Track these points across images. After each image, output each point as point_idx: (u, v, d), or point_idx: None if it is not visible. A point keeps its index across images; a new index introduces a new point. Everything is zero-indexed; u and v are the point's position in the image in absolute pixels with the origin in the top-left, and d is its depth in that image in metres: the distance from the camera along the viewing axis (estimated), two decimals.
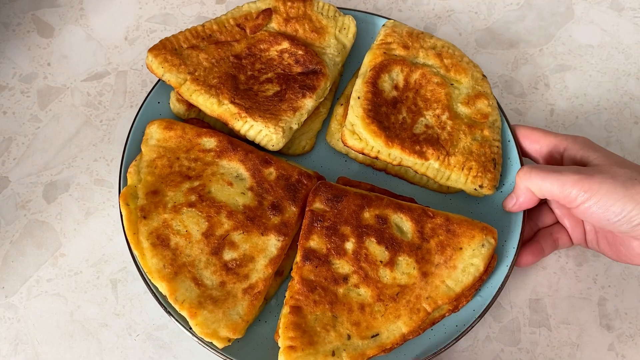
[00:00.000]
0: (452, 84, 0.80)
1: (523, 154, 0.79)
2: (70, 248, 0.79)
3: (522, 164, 0.78)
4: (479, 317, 0.70)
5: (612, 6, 0.94)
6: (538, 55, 0.94)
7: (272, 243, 0.70)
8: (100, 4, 0.93)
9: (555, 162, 0.75)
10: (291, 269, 0.71)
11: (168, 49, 0.78)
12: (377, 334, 0.67)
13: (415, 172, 0.77)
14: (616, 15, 0.94)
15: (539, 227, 0.79)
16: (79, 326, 0.75)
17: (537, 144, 0.76)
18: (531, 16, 0.95)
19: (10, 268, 0.78)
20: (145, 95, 0.80)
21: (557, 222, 0.79)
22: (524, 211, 0.75)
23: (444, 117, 0.78)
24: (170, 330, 0.75)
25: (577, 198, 0.66)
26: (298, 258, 0.70)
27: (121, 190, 0.72)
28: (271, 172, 0.74)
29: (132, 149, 0.76)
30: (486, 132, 0.78)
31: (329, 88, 0.80)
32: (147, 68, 0.78)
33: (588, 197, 0.66)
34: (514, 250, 0.74)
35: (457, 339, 0.69)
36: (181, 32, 0.80)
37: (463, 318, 0.71)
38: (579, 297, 0.78)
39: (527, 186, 0.70)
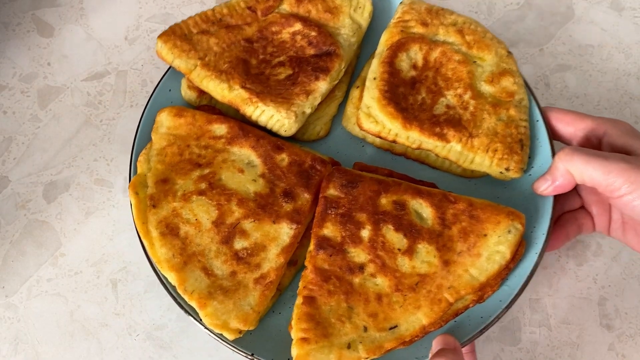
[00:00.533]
0: (474, 62, 0.76)
1: (555, 137, 0.73)
2: (70, 248, 0.79)
3: (552, 146, 0.73)
4: (506, 307, 0.66)
5: (613, 6, 0.93)
6: (538, 55, 0.92)
7: (285, 231, 0.67)
8: (100, 4, 0.92)
9: (592, 148, 0.70)
10: (305, 258, 0.68)
11: (178, 34, 0.76)
12: (396, 326, 0.63)
13: (437, 155, 0.73)
14: (616, 15, 0.93)
15: (562, 210, 0.75)
16: (79, 326, 0.75)
17: (571, 127, 0.71)
18: (531, 16, 0.94)
19: (10, 268, 0.78)
20: (153, 87, 0.78)
21: (582, 207, 0.75)
22: (555, 195, 0.70)
23: (466, 97, 0.73)
24: (170, 330, 0.75)
25: (622, 188, 0.62)
26: (312, 247, 0.67)
27: (131, 179, 0.71)
28: (283, 158, 0.71)
29: (142, 138, 0.75)
30: (512, 112, 0.73)
31: (343, 70, 0.77)
32: (157, 55, 0.76)
33: (634, 189, 0.61)
34: (544, 236, 0.69)
35: (482, 331, 0.65)
36: (191, 17, 0.78)
37: (489, 309, 0.66)
38: (579, 296, 0.78)
39: (568, 169, 0.65)
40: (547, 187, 0.69)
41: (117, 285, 0.77)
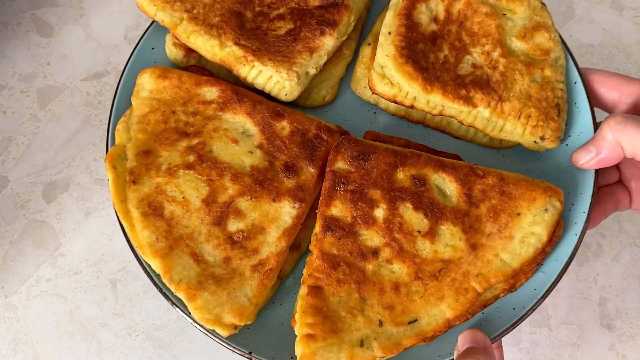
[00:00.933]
0: (504, 14, 0.66)
1: (596, 103, 0.64)
2: (70, 248, 0.78)
3: (592, 112, 0.63)
4: (541, 297, 0.57)
5: (613, 6, 0.92)
6: None
7: (286, 211, 0.58)
8: (100, 4, 0.91)
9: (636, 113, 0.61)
10: (310, 243, 0.59)
11: None
12: (415, 320, 0.55)
13: (461, 123, 0.64)
14: (617, 14, 0.92)
15: (598, 184, 0.65)
16: (78, 326, 0.75)
17: (615, 92, 0.62)
18: None
19: (10, 268, 0.77)
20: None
21: (619, 181, 0.67)
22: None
23: (495, 55, 0.64)
24: (170, 330, 0.74)
25: None
26: (317, 228, 0.58)
27: (108, 150, 0.61)
28: (284, 126, 0.62)
29: (122, 104, 0.65)
30: (547, 72, 0.63)
31: (353, 24, 0.67)
32: (138, 7, 0.66)
33: None
34: (585, 215, 0.60)
35: (515, 324, 0.57)
36: None
37: (522, 299, 0.58)
38: (579, 297, 0.77)
39: (618, 140, 0.56)
40: (589, 160, 0.59)
41: (117, 285, 0.76)
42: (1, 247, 0.78)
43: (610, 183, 0.67)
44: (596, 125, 0.63)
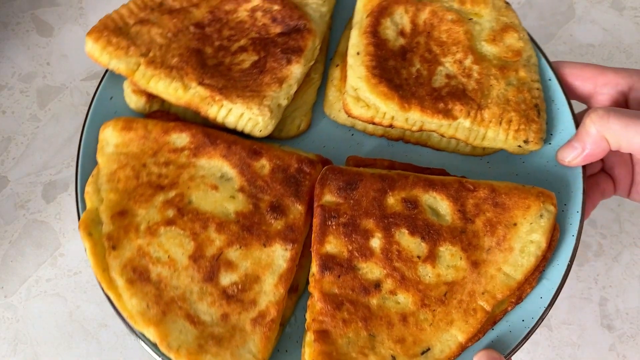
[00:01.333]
0: (470, 19, 0.64)
1: (571, 96, 0.63)
2: (70, 248, 0.77)
3: (571, 108, 0.63)
4: (548, 305, 0.56)
5: (613, 5, 0.93)
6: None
7: (279, 254, 0.56)
8: (99, 3, 0.91)
9: (618, 106, 0.60)
10: (307, 283, 0.57)
11: (111, 28, 0.62)
12: (428, 349, 0.53)
13: (442, 135, 0.62)
14: (617, 14, 0.92)
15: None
16: (78, 326, 0.74)
17: (590, 83, 0.62)
18: (532, 15, 0.93)
19: (10, 268, 0.77)
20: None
21: (602, 170, 0.67)
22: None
23: (467, 62, 0.62)
24: None
25: None
26: (315, 269, 0.55)
27: (80, 217, 0.57)
28: (263, 164, 0.59)
29: (87, 163, 0.61)
30: (522, 73, 0.62)
31: (318, 47, 0.64)
32: (89, 57, 0.62)
33: None
34: (579, 214, 0.59)
35: (527, 337, 0.56)
36: (124, 5, 0.64)
37: (529, 309, 0.57)
38: (579, 297, 0.77)
39: (603, 133, 0.55)
40: (576, 157, 0.59)
41: None
42: (1, 247, 0.77)
43: (594, 173, 0.67)
44: (577, 120, 0.62)
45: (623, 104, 0.61)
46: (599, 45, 0.91)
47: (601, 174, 0.67)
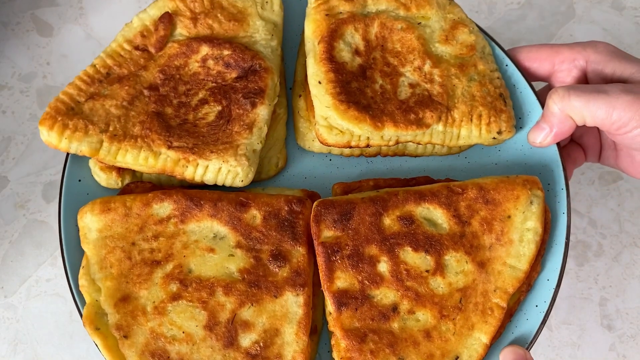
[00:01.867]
0: (419, 23, 0.65)
1: (532, 78, 0.65)
2: None
3: (533, 88, 0.64)
4: (557, 285, 0.58)
5: (613, 5, 0.91)
6: None
7: (292, 302, 0.55)
8: (99, 3, 0.90)
9: (578, 82, 0.62)
10: (324, 321, 0.57)
11: (62, 112, 0.59)
12: (457, 358, 0.55)
13: (418, 143, 0.63)
14: (617, 14, 0.91)
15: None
16: (78, 326, 0.73)
17: (548, 63, 0.63)
18: (532, 15, 0.91)
19: (10, 268, 0.76)
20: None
21: (571, 140, 0.69)
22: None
23: (426, 67, 0.63)
24: None
25: (630, 123, 0.55)
26: (330, 307, 0.56)
27: (82, 314, 0.55)
28: (254, 215, 0.58)
29: (73, 255, 0.59)
30: (480, 66, 0.63)
31: (278, 83, 0.63)
32: (48, 145, 0.59)
33: None
34: (564, 191, 0.61)
35: (544, 322, 0.58)
36: (69, 84, 0.61)
37: (540, 294, 0.59)
38: (579, 297, 0.77)
39: (566, 112, 0.57)
40: (545, 137, 0.61)
41: None
42: (1, 247, 0.77)
43: (564, 145, 0.69)
44: (541, 100, 0.64)
45: (582, 78, 0.63)
46: None
47: (571, 144, 0.69)
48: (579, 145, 0.69)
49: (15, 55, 0.86)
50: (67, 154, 0.62)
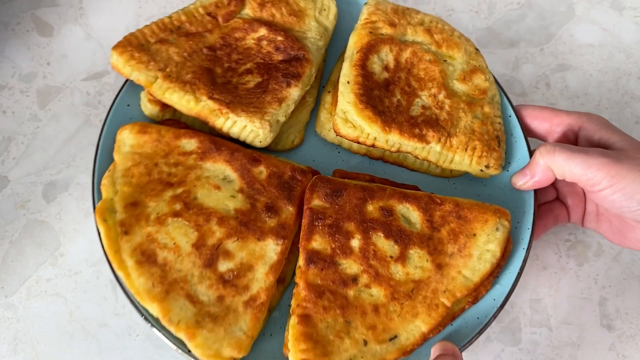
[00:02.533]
0: (445, 61, 0.75)
1: (530, 134, 0.74)
2: (70, 248, 0.78)
3: (527, 141, 0.73)
4: (500, 306, 0.65)
5: (613, 6, 0.93)
6: (539, 54, 0.92)
7: (271, 248, 0.64)
8: (100, 3, 0.92)
9: (569, 142, 0.71)
10: (294, 275, 0.65)
11: (134, 45, 0.71)
12: (396, 336, 0.61)
13: (416, 157, 0.72)
14: (617, 14, 0.93)
15: (538, 202, 0.75)
16: (78, 326, 0.74)
17: (546, 123, 0.72)
18: (532, 15, 0.94)
19: (10, 268, 0.77)
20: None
21: (557, 198, 0.76)
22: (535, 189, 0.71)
23: (440, 96, 0.73)
24: None
25: (602, 182, 0.63)
26: (301, 262, 0.64)
27: (96, 205, 0.65)
28: (261, 170, 0.67)
29: (104, 159, 0.69)
30: (486, 109, 0.73)
31: (314, 75, 0.74)
32: (113, 68, 0.70)
33: (613, 183, 0.62)
34: (529, 231, 0.69)
35: (480, 332, 0.64)
36: (147, 25, 0.73)
37: (484, 309, 0.65)
38: (579, 297, 0.78)
39: (549, 165, 0.66)
40: (525, 182, 0.69)
41: (117, 286, 0.74)
42: (1, 247, 0.77)
43: (549, 200, 0.77)
44: (531, 153, 0.73)
45: (574, 141, 0.72)
46: (599, 45, 0.93)
47: (556, 202, 0.76)
48: (564, 204, 0.76)
49: (15, 55, 0.87)
50: (126, 80, 0.73)
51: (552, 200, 0.77)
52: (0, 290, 0.75)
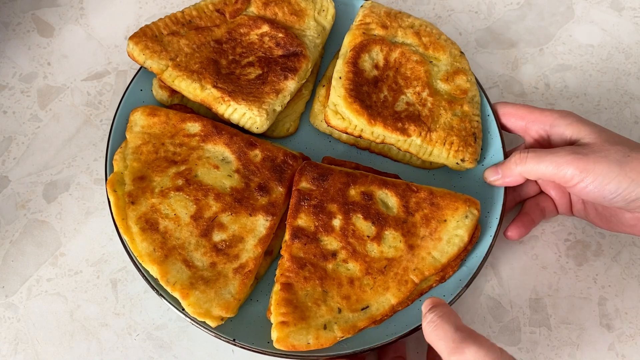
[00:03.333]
0: (431, 62, 0.82)
1: (507, 131, 0.80)
2: (70, 247, 0.79)
3: (502, 138, 0.80)
4: (465, 286, 0.72)
5: (613, 6, 0.94)
6: (538, 54, 0.94)
7: (261, 223, 0.71)
8: (100, 4, 0.92)
9: (542, 139, 0.77)
10: (280, 248, 0.73)
11: (148, 36, 0.78)
12: (367, 307, 0.69)
13: (399, 149, 0.79)
14: (616, 15, 0.94)
15: (522, 197, 0.81)
16: (79, 326, 0.75)
17: (521, 121, 0.77)
18: (531, 16, 0.95)
19: (10, 268, 0.77)
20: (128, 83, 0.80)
21: (542, 192, 0.81)
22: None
23: (424, 94, 0.79)
24: (170, 330, 0.75)
25: (573, 178, 0.67)
26: (287, 236, 0.71)
27: (108, 177, 0.73)
28: (257, 154, 0.75)
29: (116, 137, 0.77)
30: (466, 108, 0.79)
31: (310, 70, 0.81)
32: (128, 55, 0.78)
33: (584, 177, 0.67)
34: (497, 220, 0.75)
35: None
36: (161, 19, 0.80)
37: (450, 288, 0.72)
38: (579, 296, 0.78)
39: (522, 172, 0.71)
40: (496, 180, 0.75)
41: (117, 285, 0.77)
42: (1, 247, 0.77)
43: (532, 195, 0.80)
44: (505, 150, 0.79)
45: (547, 139, 0.76)
46: (598, 45, 0.93)
47: (541, 195, 0.79)
48: (549, 197, 0.79)
49: (16, 55, 0.87)
50: (140, 68, 0.81)
51: (537, 195, 0.80)
52: (1, 290, 0.76)
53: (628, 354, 0.75)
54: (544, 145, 0.77)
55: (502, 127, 0.80)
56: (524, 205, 0.80)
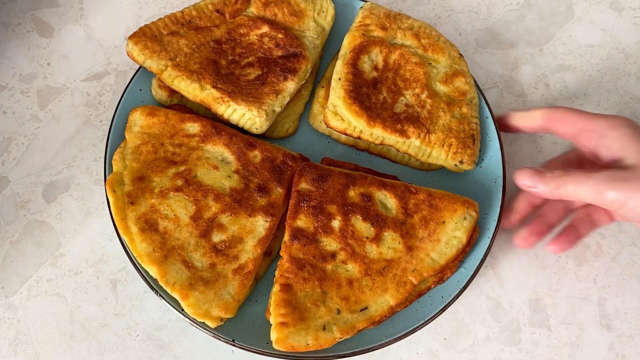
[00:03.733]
0: (430, 64, 0.82)
1: (559, 136, 0.73)
2: (70, 248, 0.79)
3: (500, 140, 0.80)
4: (463, 287, 0.72)
5: (612, 6, 0.94)
6: (538, 55, 0.94)
7: (260, 224, 0.71)
8: (100, 4, 0.93)
9: (592, 147, 0.71)
10: (280, 249, 0.73)
11: (148, 35, 0.78)
12: (366, 308, 0.69)
13: (397, 150, 0.79)
14: (616, 15, 0.94)
15: (539, 202, 0.76)
16: (78, 326, 0.75)
17: (571, 128, 0.71)
18: (531, 16, 0.95)
19: (10, 268, 0.78)
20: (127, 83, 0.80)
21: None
22: (504, 184, 0.77)
23: (423, 96, 0.80)
24: (170, 331, 0.75)
25: (614, 204, 0.64)
26: (286, 237, 0.71)
27: (107, 177, 0.73)
28: (256, 154, 0.75)
29: (115, 137, 0.76)
30: (464, 109, 0.80)
31: (309, 70, 0.81)
32: (128, 55, 0.78)
33: (625, 203, 0.63)
34: (495, 222, 0.76)
35: (443, 309, 0.72)
36: (160, 18, 0.80)
37: (448, 289, 0.73)
38: (579, 297, 0.78)
39: (560, 194, 0.67)
40: (527, 186, 0.69)
41: (117, 286, 0.77)
42: (1, 248, 0.78)
43: (584, 205, 0.75)
44: (503, 152, 0.79)
45: (595, 148, 0.70)
46: (598, 45, 0.93)
47: (592, 206, 0.74)
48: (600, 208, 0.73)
49: (15, 55, 0.87)
50: (139, 68, 0.81)
51: (588, 205, 0.75)
52: (1, 291, 0.76)
53: (628, 354, 0.76)
54: (594, 155, 0.72)
55: (548, 132, 0.75)
56: (574, 217, 0.75)
